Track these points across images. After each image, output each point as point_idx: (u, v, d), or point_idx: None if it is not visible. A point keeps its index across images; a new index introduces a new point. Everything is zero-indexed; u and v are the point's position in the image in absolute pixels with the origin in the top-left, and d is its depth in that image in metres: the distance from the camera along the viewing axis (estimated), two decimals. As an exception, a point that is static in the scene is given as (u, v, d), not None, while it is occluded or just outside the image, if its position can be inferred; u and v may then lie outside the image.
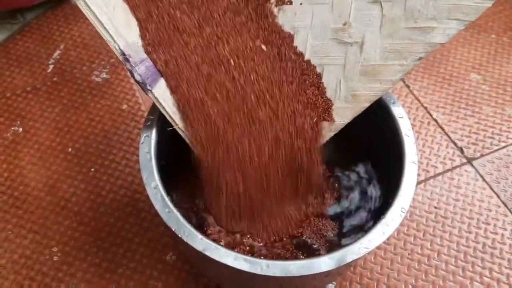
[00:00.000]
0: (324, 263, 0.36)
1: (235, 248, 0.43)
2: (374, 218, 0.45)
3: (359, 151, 0.49)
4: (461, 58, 0.74)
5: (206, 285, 0.51)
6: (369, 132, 0.46)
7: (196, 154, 0.41)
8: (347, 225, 0.47)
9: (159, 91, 0.40)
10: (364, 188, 0.48)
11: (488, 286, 0.52)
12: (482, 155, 0.63)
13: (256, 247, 0.44)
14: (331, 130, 0.43)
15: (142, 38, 0.40)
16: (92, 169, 0.60)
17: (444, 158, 0.62)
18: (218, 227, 0.44)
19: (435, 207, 0.58)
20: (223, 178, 0.41)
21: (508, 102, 0.68)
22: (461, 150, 0.63)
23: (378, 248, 0.53)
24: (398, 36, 0.40)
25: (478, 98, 0.69)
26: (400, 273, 0.53)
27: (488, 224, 0.57)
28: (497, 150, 0.63)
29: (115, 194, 0.58)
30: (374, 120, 0.44)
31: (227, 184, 0.41)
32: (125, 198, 0.58)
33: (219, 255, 0.36)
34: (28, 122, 0.65)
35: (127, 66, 0.39)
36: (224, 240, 0.44)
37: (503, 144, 0.64)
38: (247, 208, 0.43)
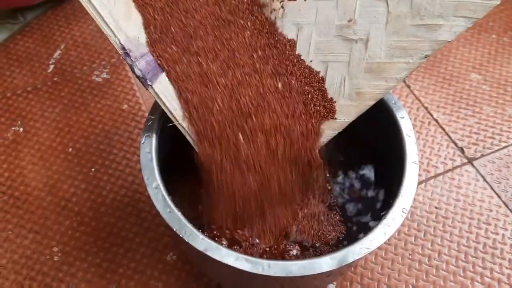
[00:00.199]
0: (325, 263, 0.36)
1: (233, 246, 0.43)
2: (375, 219, 0.45)
3: (363, 150, 0.49)
4: (461, 58, 0.74)
5: (206, 285, 0.51)
6: (373, 131, 0.46)
7: (197, 152, 0.41)
8: (349, 224, 0.47)
9: (159, 86, 0.40)
10: (366, 188, 0.48)
11: (489, 286, 0.52)
12: (482, 155, 0.63)
13: (256, 246, 0.44)
14: (335, 129, 0.42)
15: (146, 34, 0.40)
16: (93, 169, 0.60)
17: (444, 158, 0.62)
18: (218, 227, 0.44)
19: (436, 207, 0.58)
20: (223, 177, 0.41)
21: (509, 102, 0.68)
22: (461, 150, 0.63)
23: (379, 248, 0.53)
24: (403, 34, 0.39)
25: (479, 98, 0.69)
26: (401, 273, 0.53)
27: (489, 224, 0.57)
28: (497, 150, 0.63)
29: (115, 194, 0.58)
30: (378, 119, 0.44)
31: (227, 183, 0.41)
32: (125, 198, 0.58)
33: (221, 255, 0.36)
34: (28, 122, 0.65)
35: (127, 61, 0.39)
36: (225, 240, 0.44)
37: (503, 144, 0.64)
38: (247, 207, 0.42)
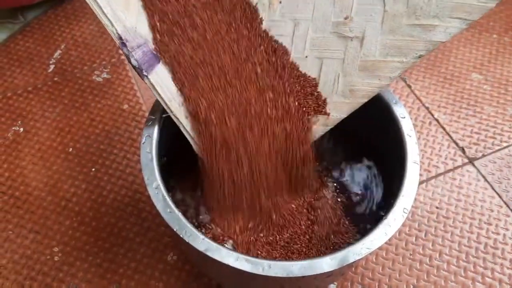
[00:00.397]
0: (326, 263, 0.35)
1: (229, 241, 0.43)
2: (376, 219, 0.45)
3: (364, 150, 0.49)
4: (462, 58, 0.74)
5: (206, 285, 0.51)
6: (374, 131, 0.46)
7: (194, 147, 0.41)
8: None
9: (155, 77, 0.40)
10: (367, 188, 0.48)
11: (490, 286, 0.52)
12: (483, 155, 0.63)
13: (254, 243, 0.44)
14: (327, 125, 0.42)
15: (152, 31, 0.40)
16: (93, 169, 0.60)
17: (445, 158, 0.62)
18: (218, 225, 0.44)
19: (437, 207, 0.58)
20: (220, 171, 0.41)
21: (510, 102, 0.68)
22: (462, 150, 0.63)
23: (380, 249, 0.53)
24: (399, 33, 0.40)
25: (480, 98, 0.69)
26: (402, 273, 0.53)
27: (490, 224, 0.56)
28: (498, 150, 0.63)
29: (116, 194, 0.58)
30: (379, 119, 0.44)
31: (224, 177, 0.41)
32: (126, 198, 0.57)
33: (221, 255, 0.36)
34: (29, 122, 0.65)
35: (124, 51, 0.39)
36: (225, 239, 0.44)
37: (504, 144, 0.64)
38: (243, 202, 0.43)
